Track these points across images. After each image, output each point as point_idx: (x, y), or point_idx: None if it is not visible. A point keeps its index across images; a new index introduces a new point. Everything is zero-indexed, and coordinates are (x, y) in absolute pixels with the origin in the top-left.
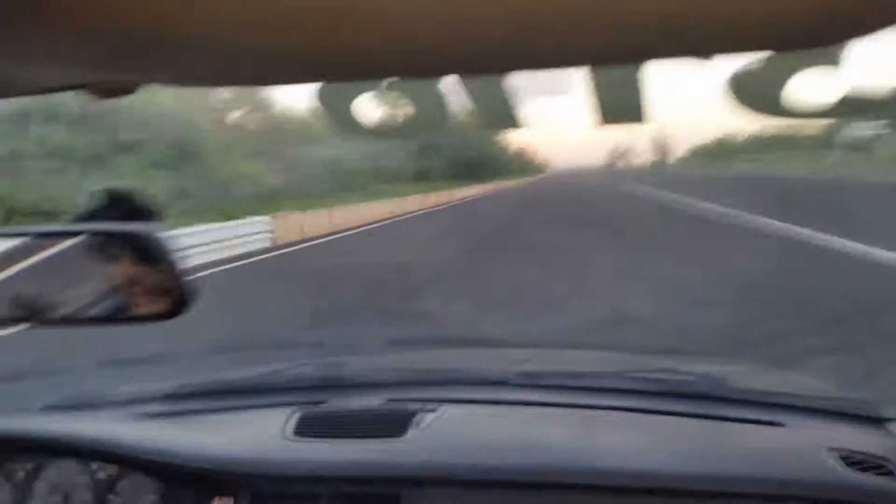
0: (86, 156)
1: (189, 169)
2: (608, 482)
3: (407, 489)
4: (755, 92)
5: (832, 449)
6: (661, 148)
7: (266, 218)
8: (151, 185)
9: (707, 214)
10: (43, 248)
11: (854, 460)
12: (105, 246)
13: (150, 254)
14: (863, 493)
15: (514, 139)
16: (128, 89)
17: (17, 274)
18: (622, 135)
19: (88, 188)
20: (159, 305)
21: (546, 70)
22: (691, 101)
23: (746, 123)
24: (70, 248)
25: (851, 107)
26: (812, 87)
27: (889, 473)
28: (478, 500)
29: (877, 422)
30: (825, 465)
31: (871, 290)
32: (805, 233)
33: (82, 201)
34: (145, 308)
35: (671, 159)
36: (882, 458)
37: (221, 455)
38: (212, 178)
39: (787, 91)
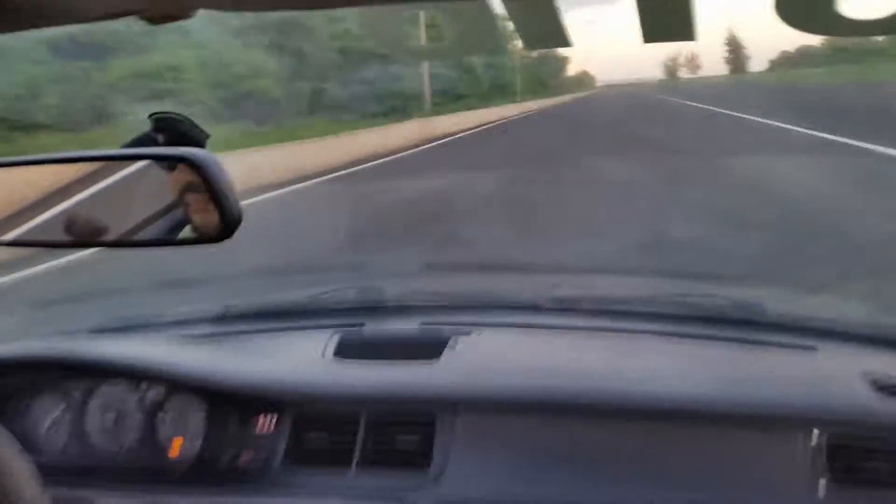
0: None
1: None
2: (641, 406)
3: (441, 411)
4: (805, 7)
5: (864, 374)
6: (702, 63)
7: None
8: None
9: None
10: (96, 173)
11: (886, 386)
12: (154, 170)
13: (198, 177)
14: (893, 419)
15: (563, 56)
16: (183, 14)
17: (71, 197)
18: (673, 49)
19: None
20: (207, 229)
21: None
22: (742, 18)
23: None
24: (121, 172)
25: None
26: (862, 1)
27: None
28: (510, 423)
29: None
30: (856, 390)
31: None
32: (749, 117)
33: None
34: (194, 231)
35: (718, 73)
36: None
37: (265, 377)
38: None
39: (836, 6)
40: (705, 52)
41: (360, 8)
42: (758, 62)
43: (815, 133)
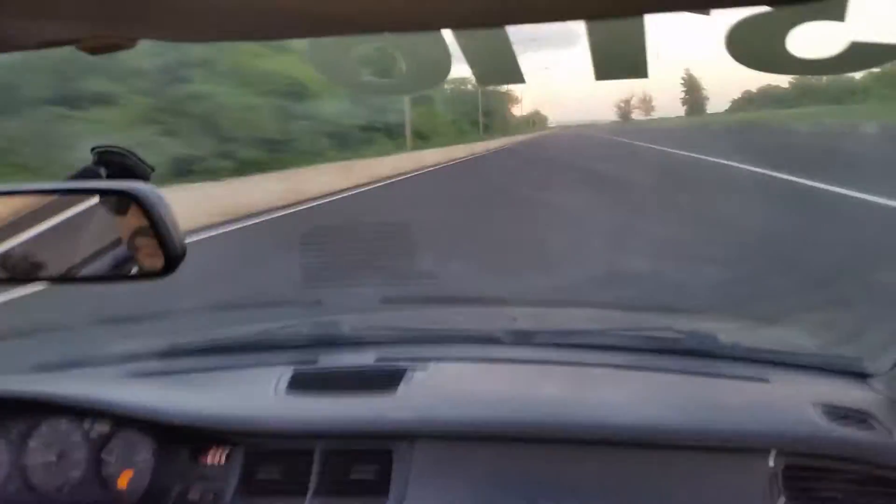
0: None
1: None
2: (597, 436)
3: (398, 444)
4: (756, 46)
5: (816, 403)
6: (656, 105)
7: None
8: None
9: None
10: (36, 207)
11: (837, 414)
12: (99, 204)
13: (142, 211)
14: (845, 446)
15: (513, 95)
16: (123, 44)
17: (11, 232)
18: (626, 91)
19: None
20: (152, 263)
21: (544, 22)
22: (693, 56)
23: (752, 78)
24: (63, 206)
25: (853, 60)
26: (813, 41)
27: (871, 426)
28: (468, 454)
29: (860, 377)
30: (809, 418)
31: None
32: (694, 155)
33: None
34: (139, 266)
35: (670, 115)
36: (864, 412)
37: (215, 412)
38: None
39: (787, 45)
40: (660, 93)
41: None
42: (717, 103)
43: (755, 169)
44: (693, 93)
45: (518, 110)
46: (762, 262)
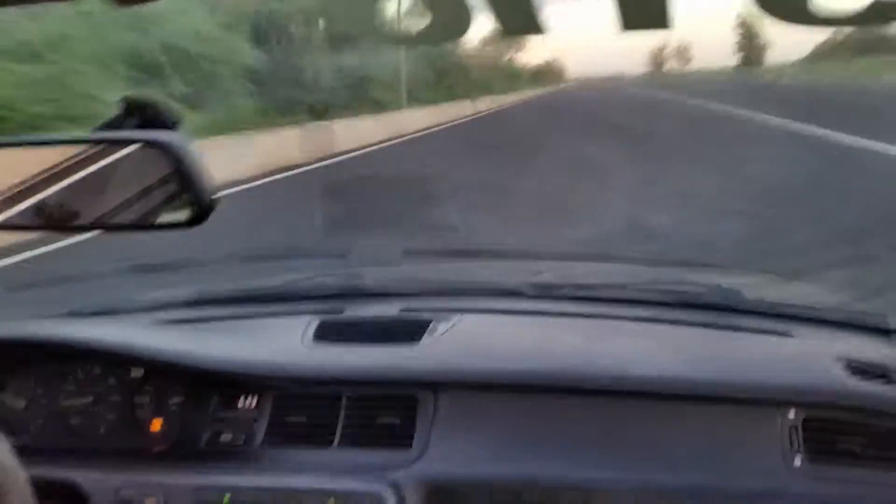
0: None
1: None
2: (618, 387)
3: (423, 392)
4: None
5: (839, 358)
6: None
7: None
8: None
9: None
10: (68, 156)
11: (859, 369)
12: (127, 155)
13: (171, 162)
14: (865, 400)
15: (537, 46)
16: None
17: (43, 182)
18: (657, 39)
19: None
20: (180, 214)
21: None
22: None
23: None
24: (93, 155)
25: (881, 13)
26: None
27: (892, 381)
28: (491, 404)
29: (883, 332)
30: (830, 373)
31: None
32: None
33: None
34: (167, 216)
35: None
36: (886, 367)
37: (244, 359)
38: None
39: None
40: (700, 42)
41: None
42: (778, 53)
43: None
44: (749, 40)
45: (529, 61)
46: None
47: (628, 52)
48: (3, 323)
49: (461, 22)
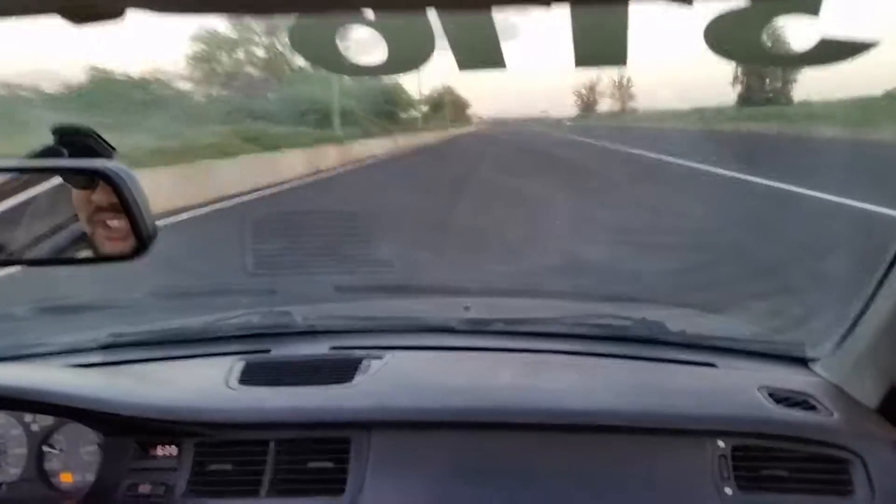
0: None
1: None
2: (551, 422)
3: (356, 433)
4: (735, 37)
5: (761, 387)
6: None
7: None
8: None
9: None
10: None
11: (782, 397)
12: (64, 184)
13: (114, 191)
14: (788, 427)
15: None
16: (110, 14)
17: None
18: (586, 76)
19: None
20: (119, 246)
21: (526, 6)
22: (670, 46)
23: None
24: (25, 185)
25: (828, 53)
26: (790, 33)
27: (812, 408)
28: (425, 443)
29: (802, 362)
30: (755, 402)
31: None
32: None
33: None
34: (105, 248)
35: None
36: (807, 394)
37: (164, 403)
38: None
39: (765, 37)
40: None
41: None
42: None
43: None
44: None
45: (432, 101)
46: None
47: (553, 93)
48: None
49: (420, 53)
